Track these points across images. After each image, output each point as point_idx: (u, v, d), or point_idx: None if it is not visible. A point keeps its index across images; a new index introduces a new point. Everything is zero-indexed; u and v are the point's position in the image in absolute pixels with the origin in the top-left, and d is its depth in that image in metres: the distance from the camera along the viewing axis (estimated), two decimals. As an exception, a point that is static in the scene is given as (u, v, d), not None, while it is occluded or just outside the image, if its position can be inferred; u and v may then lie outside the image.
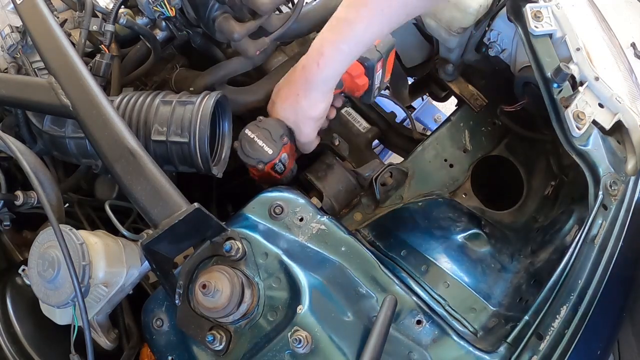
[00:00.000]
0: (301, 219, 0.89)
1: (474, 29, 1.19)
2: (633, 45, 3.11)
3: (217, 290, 0.76)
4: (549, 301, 0.88)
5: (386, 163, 1.21)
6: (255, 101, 1.15)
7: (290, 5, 1.33)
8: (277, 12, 1.23)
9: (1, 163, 0.98)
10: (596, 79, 1.05)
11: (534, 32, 1.07)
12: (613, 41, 1.21)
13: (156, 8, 0.99)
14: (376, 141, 1.50)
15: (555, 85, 1.04)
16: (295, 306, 0.80)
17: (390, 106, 1.61)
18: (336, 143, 1.20)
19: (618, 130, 1.06)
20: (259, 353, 0.79)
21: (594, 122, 1.03)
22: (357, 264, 0.86)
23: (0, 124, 1.06)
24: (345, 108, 1.37)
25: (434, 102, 2.30)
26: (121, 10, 1.06)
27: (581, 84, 1.05)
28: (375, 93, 1.14)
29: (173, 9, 1.01)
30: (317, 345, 0.77)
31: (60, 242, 0.75)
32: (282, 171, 1.05)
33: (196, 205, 0.78)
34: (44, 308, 0.88)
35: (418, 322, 0.83)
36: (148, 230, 0.99)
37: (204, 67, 1.16)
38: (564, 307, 0.87)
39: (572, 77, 1.05)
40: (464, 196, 1.28)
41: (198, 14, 1.07)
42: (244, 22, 1.05)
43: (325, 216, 0.90)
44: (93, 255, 0.81)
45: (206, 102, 0.93)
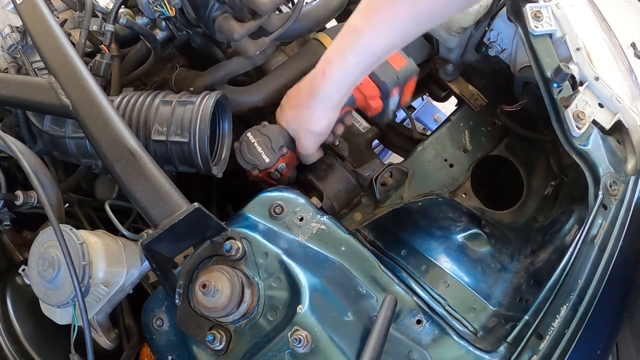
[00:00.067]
0: (301, 219, 0.89)
1: (474, 29, 1.19)
2: (633, 45, 3.11)
3: (217, 290, 0.76)
4: (549, 301, 0.88)
5: (386, 163, 1.21)
6: (255, 101, 1.15)
7: (290, 5, 1.32)
8: (277, 12, 1.23)
9: (1, 163, 0.98)
10: (596, 79, 1.05)
11: (534, 32, 1.07)
12: (613, 41, 1.21)
13: (156, 8, 0.99)
14: (376, 141, 1.50)
15: (555, 85, 1.04)
16: (295, 306, 0.80)
17: (390, 106, 1.60)
18: (336, 143, 1.20)
19: (618, 130, 1.06)
20: (259, 353, 0.79)
21: (594, 122, 1.03)
22: (357, 264, 0.86)
23: (0, 124, 1.06)
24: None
25: (434, 102, 2.29)
26: (121, 10, 1.06)
27: (581, 84, 1.05)
28: (388, 116, 1.12)
29: (173, 9, 1.01)
30: (317, 345, 0.77)
31: (60, 242, 0.75)
32: (278, 178, 1.05)
33: (196, 205, 0.78)
34: (44, 308, 0.88)
35: (418, 322, 0.83)
36: (148, 230, 0.99)
37: (204, 67, 1.16)
38: (564, 307, 0.87)
39: (572, 77, 1.05)
40: (464, 196, 1.28)
41: (198, 14, 1.07)
42: (244, 22, 1.05)
43: (325, 216, 0.90)
44: (93, 255, 0.81)
45: (206, 102, 0.93)
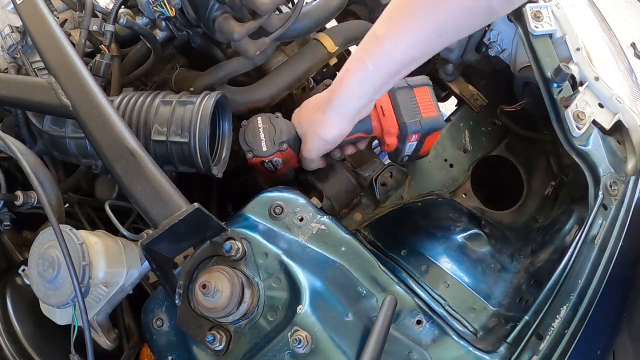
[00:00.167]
0: (301, 219, 0.89)
1: (474, 29, 1.19)
2: (633, 45, 3.12)
3: (217, 290, 0.76)
4: (549, 301, 0.88)
5: (386, 163, 1.21)
6: (255, 101, 1.15)
7: (290, 5, 1.32)
8: (277, 12, 1.23)
9: (1, 163, 0.98)
10: (596, 79, 1.05)
11: (534, 32, 1.07)
12: (613, 41, 1.21)
13: (156, 8, 0.99)
14: (376, 141, 1.50)
15: (555, 85, 1.04)
16: (295, 306, 0.80)
17: (390, 106, 1.60)
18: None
19: (618, 130, 1.06)
20: (259, 353, 0.79)
21: (594, 122, 1.03)
22: (357, 264, 0.86)
23: (0, 124, 1.06)
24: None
25: (434, 102, 2.29)
26: (121, 10, 1.06)
27: (581, 84, 1.05)
28: (403, 159, 1.11)
29: (173, 9, 1.01)
30: (317, 345, 0.77)
31: (60, 242, 0.75)
32: (271, 170, 1.05)
33: (196, 205, 0.78)
34: (44, 308, 0.88)
35: (418, 322, 0.83)
36: (148, 230, 0.99)
37: (204, 67, 1.16)
38: (564, 307, 0.87)
39: (572, 77, 1.05)
40: (464, 196, 1.28)
41: (198, 14, 1.07)
42: (244, 22, 1.05)
43: (325, 216, 0.90)
44: (93, 255, 0.81)
45: (206, 102, 0.93)
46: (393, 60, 0.82)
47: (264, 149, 1.00)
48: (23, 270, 0.84)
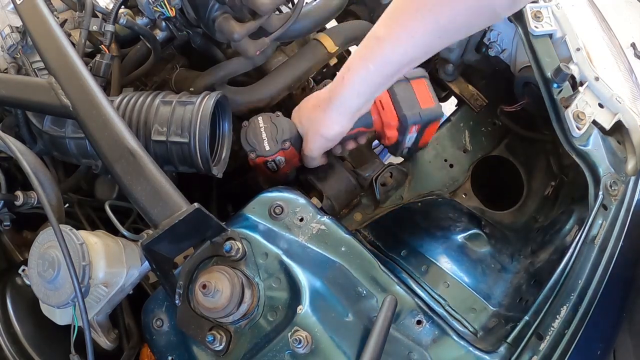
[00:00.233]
0: (301, 219, 0.89)
1: (474, 29, 1.19)
2: (633, 45, 3.11)
3: (217, 290, 0.76)
4: (549, 301, 0.88)
5: (386, 163, 1.21)
6: (255, 101, 1.15)
7: (290, 5, 1.32)
8: (277, 12, 1.23)
9: (1, 163, 0.98)
10: (596, 79, 1.05)
11: (534, 32, 1.07)
12: (613, 41, 1.21)
13: (156, 8, 0.99)
14: (376, 141, 1.50)
15: (555, 85, 1.04)
16: (295, 306, 0.80)
17: (390, 106, 1.60)
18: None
19: (618, 130, 1.06)
20: (259, 353, 0.79)
21: (594, 122, 1.03)
22: (357, 264, 0.86)
23: (0, 124, 1.06)
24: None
25: (434, 102, 2.29)
26: (121, 10, 1.06)
27: (581, 84, 1.05)
28: (403, 152, 1.11)
29: (173, 9, 1.01)
30: (317, 345, 0.77)
31: (60, 242, 0.75)
32: (274, 170, 1.05)
33: (196, 205, 0.78)
34: (44, 308, 0.88)
35: (418, 322, 0.83)
36: (148, 230, 0.99)
37: (204, 67, 1.16)
38: (564, 307, 0.87)
39: (572, 77, 1.05)
40: (464, 196, 1.28)
41: (198, 14, 1.07)
42: (244, 22, 1.05)
43: (325, 216, 0.90)
44: (93, 255, 0.81)
45: (206, 102, 0.93)
46: (394, 61, 0.83)
47: (267, 148, 1.00)
48: (23, 270, 0.84)
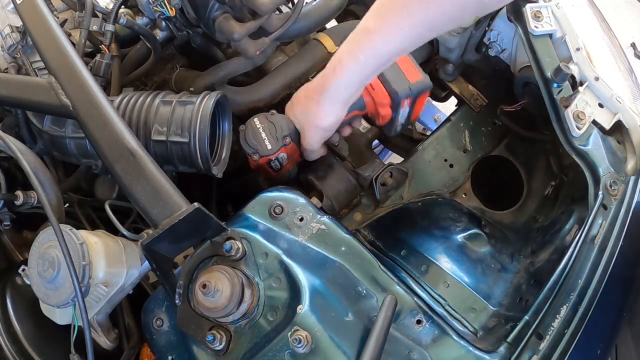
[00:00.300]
0: (301, 219, 0.89)
1: (474, 29, 1.19)
2: (633, 45, 3.12)
3: (217, 290, 0.76)
4: (549, 301, 0.88)
5: (386, 163, 1.21)
6: (255, 101, 1.15)
7: (290, 5, 1.33)
8: (277, 12, 1.23)
9: (1, 163, 0.98)
10: (596, 79, 1.05)
11: (534, 32, 1.07)
12: (613, 41, 1.21)
13: (156, 8, 0.99)
14: (376, 141, 1.50)
15: (555, 85, 1.04)
16: (295, 306, 0.80)
17: (390, 106, 1.60)
18: (336, 143, 1.20)
19: (618, 130, 1.06)
20: (259, 353, 0.79)
21: (594, 122, 1.03)
22: (357, 264, 0.86)
23: (0, 124, 1.06)
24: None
25: (434, 102, 2.29)
26: (121, 10, 1.06)
27: (581, 84, 1.05)
28: (397, 128, 1.12)
29: (173, 9, 1.01)
30: (317, 345, 0.77)
31: (60, 242, 0.75)
32: (278, 169, 1.05)
33: (196, 205, 0.78)
34: (44, 308, 0.88)
35: (418, 322, 0.83)
36: (148, 230, 0.99)
37: (204, 67, 1.16)
38: (564, 307, 0.87)
39: (572, 77, 1.05)
40: (464, 196, 1.28)
41: (198, 14, 1.07)
42: (244, 22, 1.05)
43: (325, 216, 0.90)
44: (93, 255, 0.81)
45: (206, 102, 0.93)
46: (384, 53, 0.86)
47: (269, 147, 1.00)
48: (23, 270, 0.84)
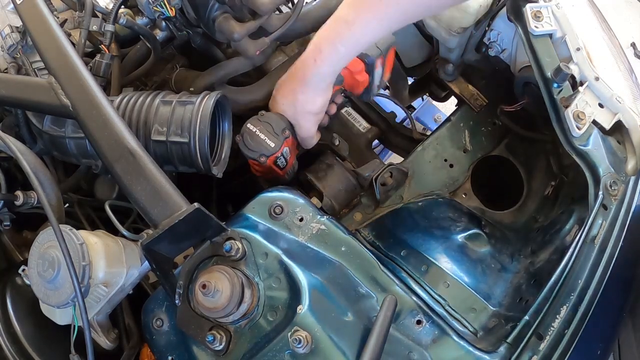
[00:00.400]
0: (301, 219, 0.89)
1: (474, 29, 1.19)
2: (633, 45, 3.12)
3: (217, 290, 0.76)
4: (549, 301, 0.88)
5: (386, 163, 1.21)
6: (255, 101, 1.15)
7: (290, 5, 1.32)
8: (277, 12, 1.23)
9: (1, 163, 0.98)
10: (596, 79, 1.05)
11: (534, 32, 1.07)
12: (613, 41, 1.21)
13: (156, 8, 0.99)
14: (376, 141, 1.50)
15: (555, 85, 1.04)
16: (295, 306, 0.80)
17: (390, 106, 1.61)
18: (336, 143, 1.20)
19: (618, 130, 1.06)
20: (259, 353, 0.79)
21: (594, 122, 1.03)
22: (357, 264, 0.86)
23: (0, 124, 1.06)
24: (345, 108, 1.37)
25: (434, 102, 2.29)
26: (121, 10, 1.06)
27: (581, 84, 1.05)
28: (374, 91, 1.14)
29: (173, 9, 1.01)
30: (317, 345, 0.77)
31: (60, 242, 0.75)
32: (284, 166, 1.05)
33: (196, 205, 0.78)
34: (44, 308, 0.88)
35: (418, 322, 0.83)
36: (148, 230, 0.99)
37: (204, 67, 1.16)
38: (564, 307, 0.87)
39: (572, 77, 1.05)
40: (464, 196, 1.28)
41: (198, 14, 1.07)
42: (244, 22, 1.05)
43: (325, 216, 0.90)
44: (93, 255, 0.81)
45: (206, 102, 0.93)
46: (363, 42, 0.91)
47: (272, 145, 1.00)
48: (23, 270, 0.84)
